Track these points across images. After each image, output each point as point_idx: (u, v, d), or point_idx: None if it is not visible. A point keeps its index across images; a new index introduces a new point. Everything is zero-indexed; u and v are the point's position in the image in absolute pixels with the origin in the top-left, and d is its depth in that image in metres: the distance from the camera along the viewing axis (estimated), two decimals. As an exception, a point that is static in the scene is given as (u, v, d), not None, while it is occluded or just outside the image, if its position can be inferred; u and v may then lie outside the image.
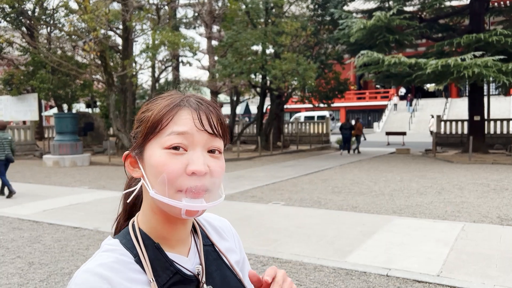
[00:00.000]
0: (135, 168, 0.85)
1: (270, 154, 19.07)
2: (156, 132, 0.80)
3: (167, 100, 0.83)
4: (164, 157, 0.78)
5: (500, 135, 20.24)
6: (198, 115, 0.81)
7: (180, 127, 0.79)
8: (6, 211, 7.66)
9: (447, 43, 16.12)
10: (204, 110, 0.82)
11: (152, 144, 0.81)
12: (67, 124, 16.33)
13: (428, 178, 11.03)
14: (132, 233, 0.86)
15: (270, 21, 19.08)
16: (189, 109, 0.82)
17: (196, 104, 0.83)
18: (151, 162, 0.80)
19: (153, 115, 0.81)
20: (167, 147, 0.79)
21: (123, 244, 0.84)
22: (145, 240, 0.85)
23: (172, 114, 0.81)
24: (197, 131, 0.80)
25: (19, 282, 4.26)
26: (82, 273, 0.77)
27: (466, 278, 4.18)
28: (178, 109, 0.81)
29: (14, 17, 19.29)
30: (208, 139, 0.81)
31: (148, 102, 0.87)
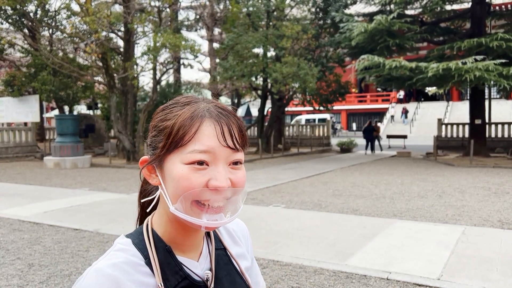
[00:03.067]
0: (152, 174, 0.85)
1: (271, 156, 19.07)
2: (178, 147, 0.79)
3: (187, 110, 0.81)
4: (186, 172, 0.77)
5: (501, 138, 20.22)
6: (221, 130, 0.79)
7: (203, 145, 0.78)
8: (7, 212, 7.66)
9: (448, 46, 16.13)
10: (226, 122, 0.80)
11: (173, 158, 0.79)
12: (68, 126, 16.34)
13: (429, 181, 11.02)
14: (145, 234, 0.86)
15: (272, 24, 19.11)
16: (211, 123, 0.79)
17: (217, 115, 0.80)
18: (172, 175, 0.79)
19: (175, 128, 0.79)
20: (189, 163, 0.78)
21: (135, 244, 0.85)
22: (157, 242, 0.85)
23: (195, 129, 0.78)
24: (219, 147, 0.79)
25: (18, 283, 4.25)
26: (92, 272, 0.78)
27: (467, 281, 4.16)
28: (200, 122, 0.79)
29: (16, 18, 19.33)
30: (230, 153, 0.80)
31: (165, 108, 0.85)
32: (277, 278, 4.34)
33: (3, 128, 19.97)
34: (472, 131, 17.90)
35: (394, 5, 16.94)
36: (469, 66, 13.77)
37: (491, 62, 13.84)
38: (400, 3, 16.54)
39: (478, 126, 17.70)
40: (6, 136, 19.69)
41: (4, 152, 19.27)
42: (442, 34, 18.96)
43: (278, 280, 4.27)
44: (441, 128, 21.71)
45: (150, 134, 0.86)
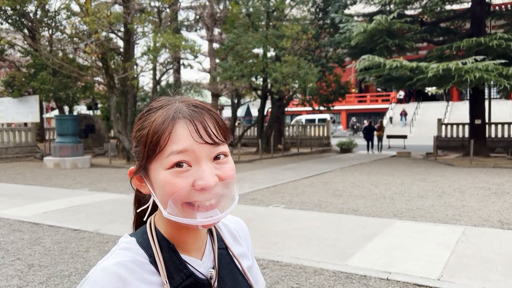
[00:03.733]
0: (142, 183, 0.85)
1: (271, 156, 19.06)
2: (156, 154, 0.79)
3: (159, 116, 0.80)
4: (169, 177, 0.77)
5: (501, 138, 20.22)
6: (195, 128, 0.78)
7: (179, 145, 0.77)
8: (6, 213, 7.66)
9: (447, 46, 16.12)
10: (199, 119, 0.79)
11: (155, 165, 0.80)
12: (68, 126, 16.34)
13: (429, 181, 11.02)
14: (149, 233, 0.86)
15: (271, 24, 19.11)
16: (183, 123, 0.79)
17: (189, 114, 0.79)
18: (157, 183, 0.79)
19: (150, 136, 0.79)
20: (169, 168, 0.77)
21: (139, 243, 0.85)
22: (161, 240, 0.85)
23: (168, 133, 0.78)
24: (197, 145, 0.78)
25: (18, 284, 4.25)
26: (99, 271, 0.79)
27: (467, 282, 4.16)
28: (172, 124, 0.78)
29: (16, 19, 19.33)
30: (210, 149, 0.79)
31: (141, 116, 0.85)
32: (277, 278, 4.33)
33: (3, 129, 19.96)
34: (472, 131, 17.90)
35: (394, 5, 16.94)
36: (469, 66, 13.77)
37: (491, 62, 13.84)
38: (400, 3, 16.54)
39: (478, 126, 17.70)
40: (6, 137, 19.69)
41: (4, 153, 19.27)
42: (442, 34, 18.96)
43: (278, 281, 4.27)
44: (441, 128, 21.71)
45: (133, 146, 0.86)
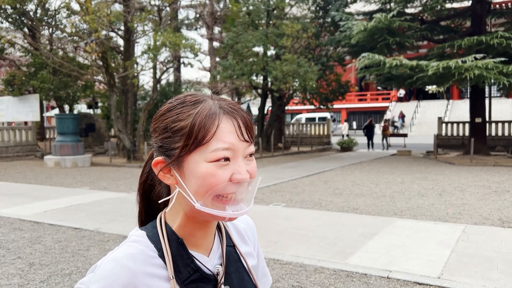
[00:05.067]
0: (167, 174, 0.86)
1: (271, 155, 19.07)
2: (199, 146, 0.81)
3: (202, 109, 0.82)
4: (212, 169, 0.80)
5: (501, 137, 20.22)
6: (238, 125, 0.83)
7: (225, 143, 0.81)
8: (7, 212, 7.67)
9: (448, 45, 16.10)
10: (241, 118, 0.84)
11: (195, 157, 0.81)
12: (68, 125, 16.35)
13: (429, 180, 11.02)
14: (159, 227, 0.88)
15: (271, 22, 19.09)
16: (228, 119, 0.82)
17: (232, 112, 0.84)
18: (196, 174, 0.81)
19: (195, 128, 0.81)
20: (213, 161, 0.80)
21: (149, 237, 0.87)
22: (170, 235, 0.87)
23: (215, 127, 0.81)
24: (238, 142, 0.82)
25: (19, 282, 4.26)
26: (109, 261, 0.81)
27: (467, 280, 4.17)
28: (218, 120, 0.81)
29: (16, 18, 19.32)
30: (246, 147, 0.84)
31: (173, 108, 0.85)
32: (277, 277, 4.34)
33: (4, 128, 19.97)
34: (472, 129, 17.89)
35: (394, 3, 16.92)
36: (469, 64, 13.75)
37: (491, 60, 13.83)
38: (400, 2, 16.52)
39: (479, 124, 17.70)
40: (7, 136, 19.69)
41: (5, 151, 19.28)
42: (442, 32, 18.93)
43: (278, 279, 4.27)
44: (441, 127, 21.71)
45: (159, 136, 0.86)
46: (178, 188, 0.85)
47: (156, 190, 0.96)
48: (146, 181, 0.97)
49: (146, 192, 0.97)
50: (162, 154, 0.85)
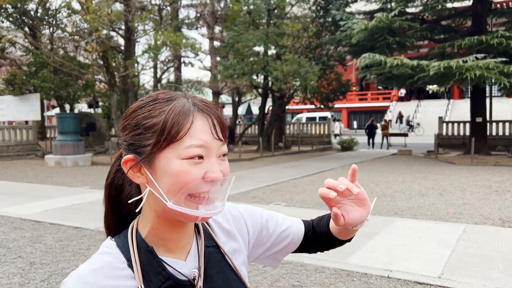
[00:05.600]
0: (137, 173, 0.83)
1: (272, 155, 19.07)
2: (171, 143, 0.78)
3: (175, 106, 0.80)
4: (185, 166, 0.78)
5: (502, 136, 20.21)
6: (213, 123, 0.81)
7: (199, 140, 0.79)
8: (8, 211, 7.68)
9: (449, 44, 16.09)
10: (215, 116, 0.82)
11: (167, 154, 0.79)
12: (69, 124, 16.35)
13: (430, 179, 11.02)
14: (129, 236, 0.86)
15: (272, 22, 19.09)
16: (202, 116, 0.81)
17: (206, 109, 0.82)
18: (168, 171, 0.78)
19: (168, 124, 0.78)
20: (186, 158, 0.78)
21: (120, 247, 0.85)
22: (140, 243, 0.85)
23: (189, 124, 0.79)
24: (212, 140, 0.80)
25: (20, 282, 4.26)
26: (72, 279, 0.80)
27: (468, 280, 4.17)
28: (192, 116, 0.79)
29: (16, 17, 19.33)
30: (220, 146, 0.82)
31: (145, 104, 0.83)
32: (278, 276, 4.34)
33: (4, 127, 19.98)
34: (473, 129, 17.88)
35: (395, 3, 16.91)
36: (470, 64, 13.74)
37: (492, 60, 13.81)
38: (401, 1, 16.51)
39: (479, 124, 17.68)
40: (7, 135, 19.70)
41: (5, 151, 19.29)
42: (443, 32, 18.92)
43: (279, 279, 4.28)
44: (442, 126, 21.70)
45: (129, 133, 0.83)
46: (148, 187, 0.81)
47: (126, 192, 0.92)
48: (112, 183, 0.94)
49: (114, 194, 0.94)
50: (132, 152, 0.82)
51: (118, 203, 0.94)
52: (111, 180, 0.94)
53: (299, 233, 1.10)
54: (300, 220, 1.13)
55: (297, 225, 1.11)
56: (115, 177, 0.93)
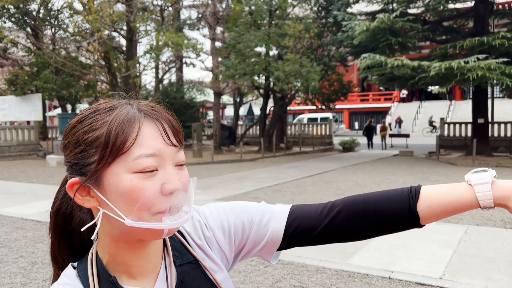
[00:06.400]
0: (86, 197, 0.74)
1: (273, 155, 19.07)
2: (118, 156, 0.69)
3: (118, 114, 0.71)
4: (137, 181, 0.69)
5: (504, 138, 20.17)
6: (163, 128, 0.72)
7: (149, 148, 0.70)
8: (10, 211, 7.69)
9: (450, 45, 16.09)
10: (165, 121, 0.74)
11: (114, 169, 0.70)
12: (70, 125, 16.37)
13: (431, 180, 11.01)
14: (89, 264, 0.78)
15: (274, 22, 19.11)
16: (151, 122, 0.72)
17: (154, 114, 0.73)
18: (119, 189, 0.70)
19: (112, 135, 0.69)
20: (137, 171, 0.69)
21: (80, 276, 0.77)
22: (100, 273, 0.77)
23: (135, 132, 0.70)
24: (165, 147, 0.72)
25: (22, 281, 4.27)
26: None
27: (469, 281, 4.16)
28: (139, 123, 0.71)
29: (19, 17, 19.39)
30: (175, 153, 0.74)
31: (84, 118, 0.74)
32: (279, 277, 4.34)
33: (6, 127, 20.02)
34: (474, 130, 17.86)
35: (397, 3, 16.91)
36: (471, 65, 13.73)
37: (493, 61, 13.81)
38: (403, 2, 16.51)
39: (481, 125, 17.66)
40: (9, 135, 19.74)
41: (7, 151, 19.33)
42: (444, 33, 18.91)
43: (280, 279, 4.28)
44: (443, 127, 21.67)
45: (71, 152, 0.74)
46: (102, 209, 0.72)
47: (77, 219, 0.83)
48: (59, 210, 0.84)
49: (61, 223, 0.84)
50: (77, 173, 0.73)
51: (68, 233, 0.85)
52: (58, 207, 0.84)
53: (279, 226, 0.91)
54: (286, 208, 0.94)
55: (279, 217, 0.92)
56: (62, 204, 0.84)
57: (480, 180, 0.81)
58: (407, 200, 0.84)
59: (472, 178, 0.81)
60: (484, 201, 0.79)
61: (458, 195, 0.82)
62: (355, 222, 0.86)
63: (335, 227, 0.87)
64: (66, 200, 0.84)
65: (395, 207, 0.84)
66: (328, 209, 0.89)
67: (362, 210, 0.86)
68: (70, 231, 0.84)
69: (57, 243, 0.85)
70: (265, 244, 0.90)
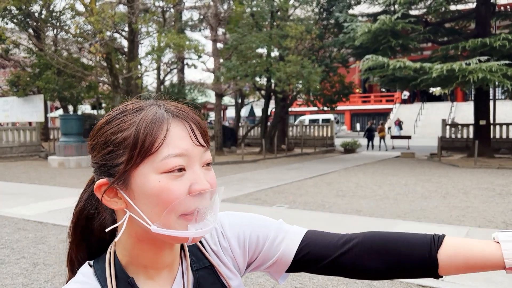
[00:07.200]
0: (113, 198, 0.74)
1: (275, 156, 19.07)
2: (147, 156, 0.69)
3: (146, 115, 0.71)
4: (165, 182, 0.69)
5: (506, 139, 20.14)
6: (191, 128, 0.73)
7: (177, 148, 0.70)
8: (11, 212, 7.70)
9: (452, 47, 16.09)
10: (193, 121, 0.74)
11: (142, 170, 0.70)
12: (72, 126, 16.41)
13: (433, 182, 10.99)
14: (107, 264, 0.77)
15: (275, 24, 19.12)
16: (179, 122, 0.72)
17: (182, 114, 0.73)
18: (146, 190, 0.70)
19: (140, 136, 0.69)
20: (165, 171, 0.69)
21: (97, 275, 0.77)
22: (119, 273, 0.76)
23: (164, 132, 0.70)
24: (193, 147, 0.72)
25: (23, 282, 4.28)
26: None
27: (471, 283, 4.16)
28: (167, 124, 0.71)
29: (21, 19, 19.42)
30: (202, 153, 0.73)
31: (112, 119, 0.74)
32: (280, 278, 4.34)
33: (8, 128, 20.07)
34: (476, 132, 17.85)
35: (398, 5, 16.91)
36: (473, 67, 13.73)
37: (495, 62, 13.80)
38: (404, 4, 16.51)
39: (483, 127, 17.64)
40: (11, 136, 19.78)
41: (9, 152, 19.36)
42: (446, 34, 18.91)
43: (281, 281, 4.27)
44: (445, 129, 21.66)
45: (99, 153, 0.75)
46: (128, 212, 0.72)
47: (99, 219, 0.83)
48: (83, 210, 0.84)
49: (83, 224, 0.84)
50: (105, 174, 0.73)
51: (88, 233, 0.84)
52: (81, 208, 0.84)
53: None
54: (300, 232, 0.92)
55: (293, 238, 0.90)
56: (86, 204, 0.84)
57: (508, 238, 0.78)
58: (429, 245, 0.81)
59: (500, 236, 0.79)
60: (510, 260, 0.75)
61: (482, 249, 0.78)
62: (369, 258, 0.83)
63: (348, 260, 0.84)
64: (90, 201, 0.84)
65: (415, 249, 0.81)
66: (344, 240, 0.87)
67: (380, 247, 0.83)
68: (91, 231, 0.84)
69: (76, 243, 0.85)
70: (274, 263, 0.88)
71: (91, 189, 0.83)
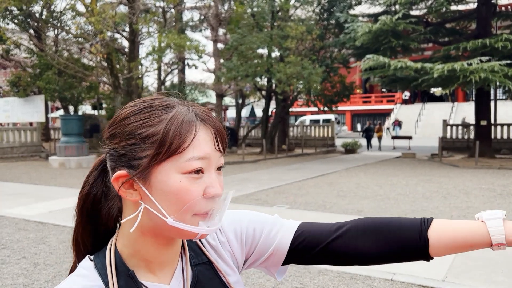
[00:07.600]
0: (129, 190, 0.75)
1: (275, 157, 19.06)
2: (172, 155, 0.71)
3: (176, 115, 0.73)
4: (186, 183, 0.71)
5: (507, 140, 20.12)
6: (215, 135, 0.75)
7: (201, 152, 0.73)
8: (12, 212, 7.71)
9: (453, 47, 16.08)
10: (216, 127, 0.76)
11: (165, 167, 0.72)
12: (73, 126, 16.41)
13: (434, 182, 10.98)
14: (107, 257, 0.78)
15: (276, 24, 19.12)
16: (205, 128, 0.75)
17: (208, 120, 0.76)
18: (166, 188, 0.72)
19: (169, 135, 0.71)
20: (187, 172, 0.72)
21: (98, 269, 0.78)
22: (119, 266, 0.77)
23: (192, 135, 0.72)
24: (214, 152, 0.75)
25: (24, 282, 4.28)
26: None
27: (471, 283, 4.15)
28: (195, 127, 0.73)
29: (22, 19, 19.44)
30: (219, 158, 0.77)
31: (139, 111, 0.75)
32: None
33: (9, 128, 20.08)
34: (477, 132, 17.83)
35: (399, 5, 16.90)
36: (474, 67, 13.72)
37: (496, 63, 13.78)
38: (405, 4, 16.50)
39: (484, 127, 17.63)
40: (12, 136, 19.80)
41: (10, 152, 19.38)
42: (447, 35, 18.89)
43: (282, 281, 4.27)
44: (446, 129, 21.64)
45: (120, 143, 0.74)
46: (143, 204, 0.74)
47: (106, 205, 0.83)
48: (89, 194, 0.83)
49: (89, 207, 0.84)
50: (124, 165, 0.74)
51: (95, 218, 0.84)
52: (88, 191, 0.83)
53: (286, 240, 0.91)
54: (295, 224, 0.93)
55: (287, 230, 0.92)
56: (92, 188, 0.83)
57: (491, 216, 0.81)
58: (419, 226, 0.84)
59: (483, 214, 0.82)
60: (496, 236, 0.79)
61: (469, 228, 0.82)
62: (362, 241, 0.86)
63: (341, 244, 0.87)
64: (97, 184, 0.84)
65: (406, 231, 0.85)
66: (337, 226, 0.89)
67: (372, 229, 0.86)
68: (97, 217, 0.84)
69: (82, 226, 0.84)
70: (270, 255, 0.91)
71: (97, 172, 0.84)
